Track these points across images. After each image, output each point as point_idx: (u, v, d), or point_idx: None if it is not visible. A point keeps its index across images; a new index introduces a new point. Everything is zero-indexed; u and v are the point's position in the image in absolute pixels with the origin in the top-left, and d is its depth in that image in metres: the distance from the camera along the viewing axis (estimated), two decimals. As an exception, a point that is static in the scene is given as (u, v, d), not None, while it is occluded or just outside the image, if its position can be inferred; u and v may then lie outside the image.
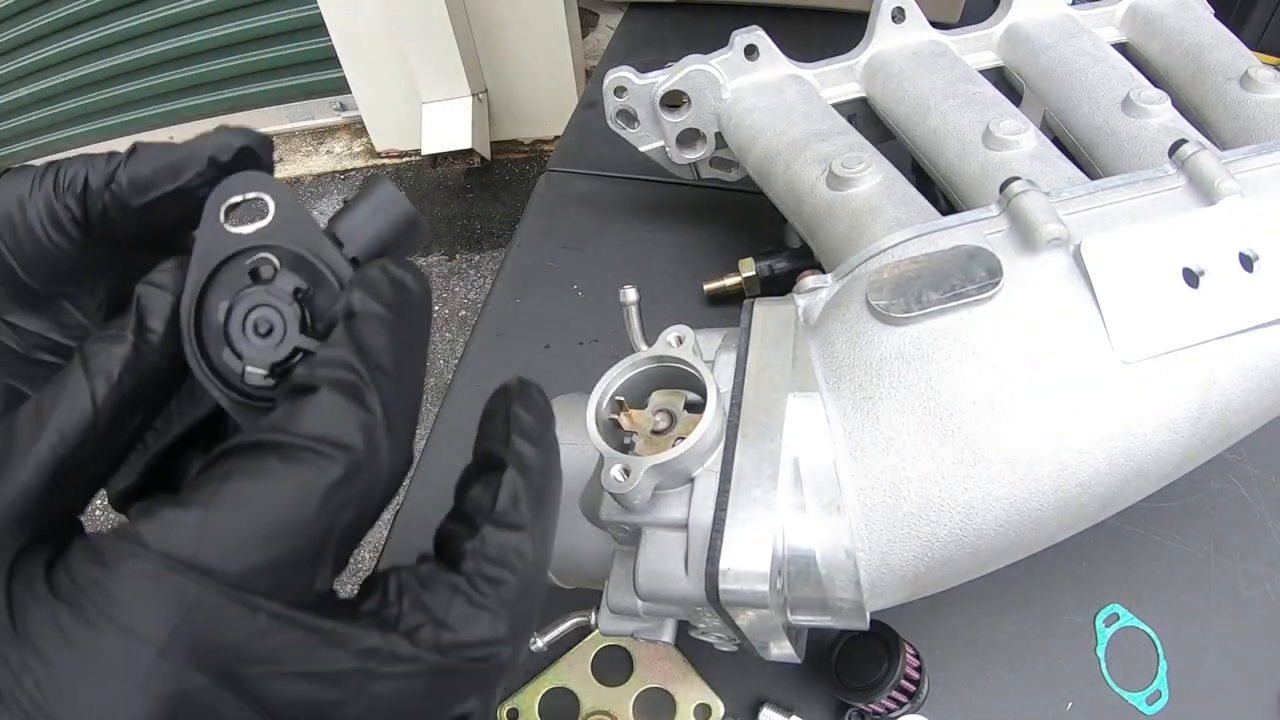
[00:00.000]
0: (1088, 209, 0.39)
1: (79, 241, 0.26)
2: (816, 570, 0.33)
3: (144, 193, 0.25)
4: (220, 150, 0.24)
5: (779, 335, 0.38)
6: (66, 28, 2.31)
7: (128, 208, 0.25)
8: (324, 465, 0.18)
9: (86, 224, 0.26)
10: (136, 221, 0.25)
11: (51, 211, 0.26)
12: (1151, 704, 0.45)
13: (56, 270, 0.27)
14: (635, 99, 0.60)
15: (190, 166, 0.24)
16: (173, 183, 0.24)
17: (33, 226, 0.26)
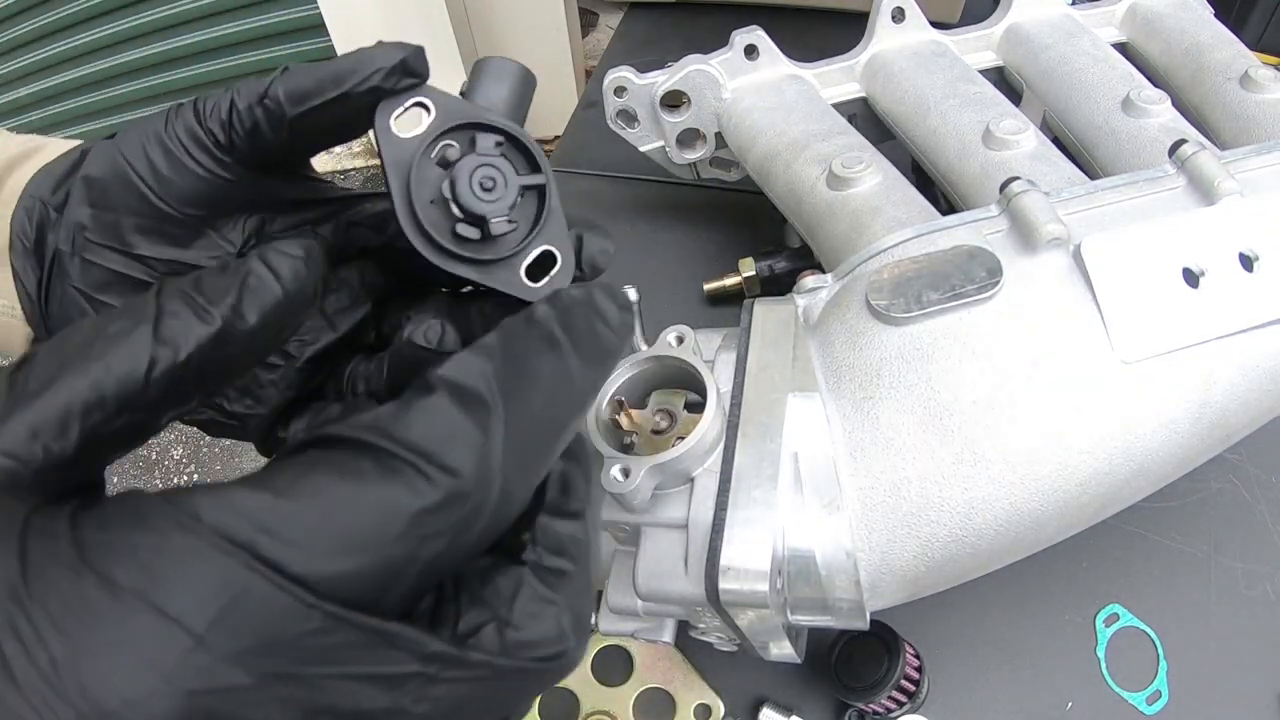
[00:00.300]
0: (1088, 209, 0.39)
1: (223, 165, 0.27)
2: (816, 570, 0.33)
3: (303, 102, 0.25)
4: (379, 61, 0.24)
5: (779, 335, 0.38)
6: (66, 28, 2.31)
7: (282, 119, 0.25)
8: (420, 485, 0.16)
9: (231, 147, 0.26)
10: (289, 133, 0.26)
11: (195, 137, 0.26)
12: (1151, 704, 0.45)
13: (197, 197, 0.27)
14: (635, 99, 0.60)
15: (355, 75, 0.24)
16: (335, 89, 0.24)
17: (173, 152, 0.26)
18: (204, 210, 0.28)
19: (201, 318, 0.19)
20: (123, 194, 0.27)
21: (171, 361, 0.18)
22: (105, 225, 0.27)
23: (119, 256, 0.28)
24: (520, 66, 0.28)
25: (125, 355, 0.18)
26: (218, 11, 2.23)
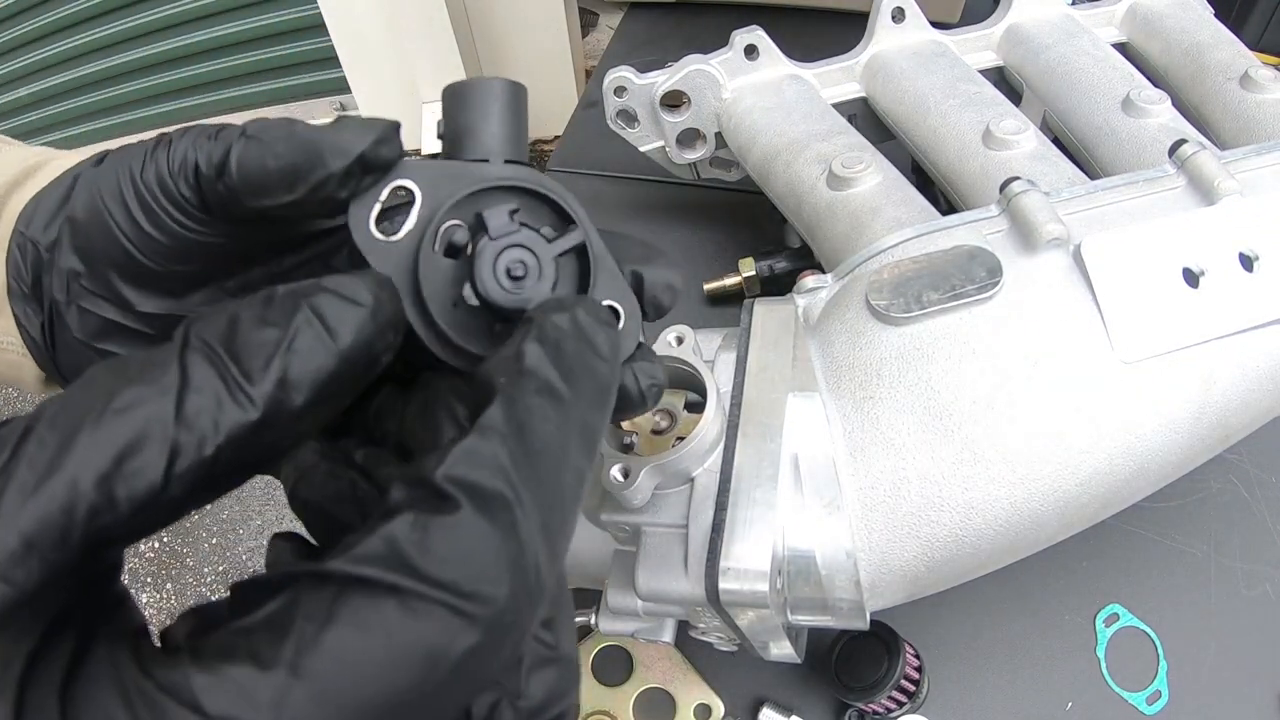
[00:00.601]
0: (1088, 209, 0.39)
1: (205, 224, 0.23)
2: (816, 570, 0.33)
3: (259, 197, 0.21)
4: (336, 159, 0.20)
5: (779, 335, 0.38)
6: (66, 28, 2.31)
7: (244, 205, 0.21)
8: (457, 627, 0.14)
9: (207, 208, 0.22)
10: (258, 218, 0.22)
11: (169, 194, 0.22)
12: (1151, 704, 0.45)
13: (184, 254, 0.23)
14: (635, 99, 0.60)
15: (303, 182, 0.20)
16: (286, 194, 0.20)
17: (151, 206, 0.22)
18: (194, 266, 0.24)
19: (237, 399, 0.15)
20: (106, 246, 0.23)
21: (197, 457, 0.15)
22: (96, 275, 0.24)
23: (114, 309, 0.25)
24: (503, 83, 0.22)
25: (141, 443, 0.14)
26: (218, 11, 2.23)
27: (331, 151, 0.20)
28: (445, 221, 0.20)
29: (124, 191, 0.23)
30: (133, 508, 0.14)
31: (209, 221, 0.23)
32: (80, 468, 0.14)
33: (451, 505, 0.14)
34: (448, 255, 0.20)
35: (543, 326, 0.18)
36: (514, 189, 0.21)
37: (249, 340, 0.16)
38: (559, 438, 0.16)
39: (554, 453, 0.16)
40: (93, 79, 2.42)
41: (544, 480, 0.16)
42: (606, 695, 0.49)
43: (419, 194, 0.20)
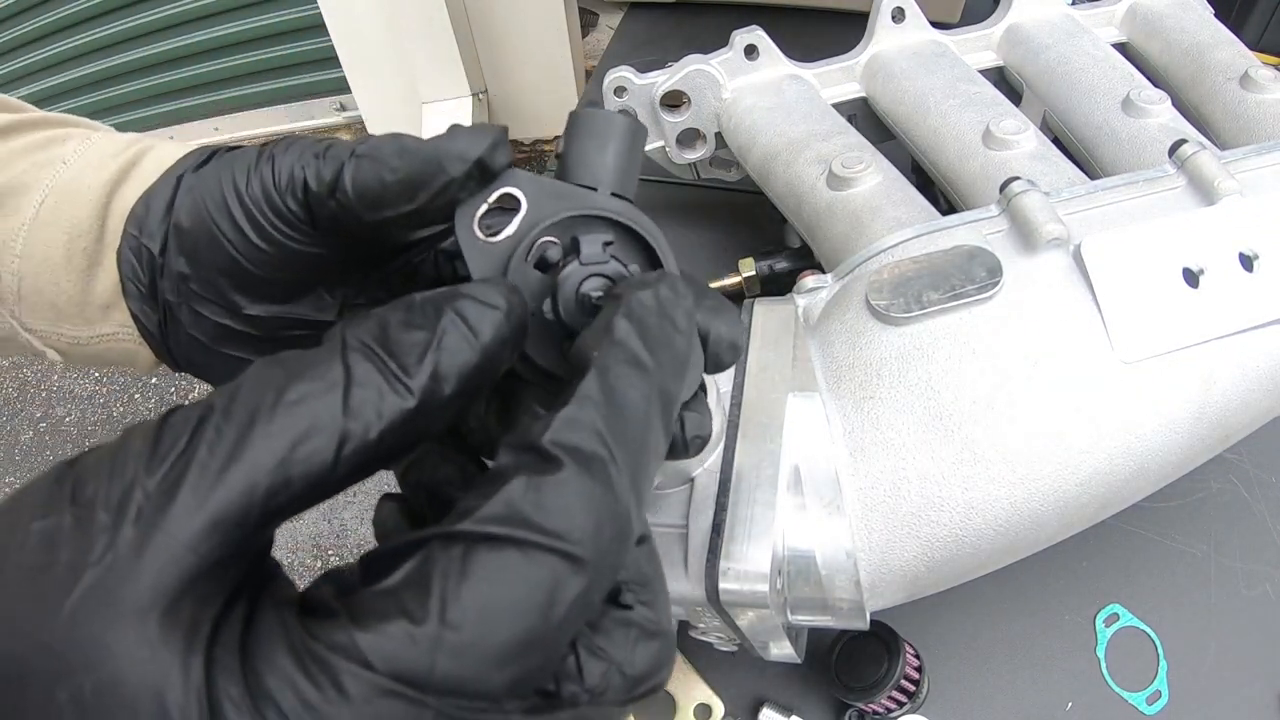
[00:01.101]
0: (1088, 209, 0.39)
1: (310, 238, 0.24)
2: (816, 570, 0.33)
3: (375, 209, 0.23)
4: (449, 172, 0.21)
5: (779, 335, 0.38)
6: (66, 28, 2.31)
7: (360, 219, 0.23)
8: (569, 571, 0.16)
9: (313, 223, 0.24)
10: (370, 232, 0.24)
11: (275, 209, 0.24)
12: (1151, 704, 0.45)
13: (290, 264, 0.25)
14: (635, 99, 0.60)
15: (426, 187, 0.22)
16: (407, 204, 0.22)
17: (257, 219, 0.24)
18: (299, 275, 0.26)
19: (396, 390, 0.17)
20: (212, 254, 0.25)
21: (362, 440, 0.17)
22: (204, 281, 0.26)
23: (223, 311, 0.26)
24: (625, 120, 0.23)
25: (314, 431, 0.16)
26: (218, 11, 2.23)
27: (451, 158, 0.21)
28: (542, 236, 0.21)
29: (229, 203, 0.24)
30: (305, 488, 0.16)
31: (315, 235, 0.24)
32: (260, 454, 0.16)
33: (556, 466, 0.16)
34: (537, 268, 0.21)
35: (629, 303, 0.19)
36: (613, 222, 0.22)
37: (401, 340, 0.18)
38: (644, 404, 0.18)
39: (639, 417, 0.18)
40: (93, 79, 2.42)
41: (631, 441, 0.18)
42: (606, 695, 0.49)
43: (525, 204, 0.22)
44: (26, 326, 0.30)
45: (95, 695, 0.14)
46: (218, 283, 0.26)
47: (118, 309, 0.29)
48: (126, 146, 0.29)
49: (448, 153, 0.22)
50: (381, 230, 0.24)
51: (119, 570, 0.15)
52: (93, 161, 0.29)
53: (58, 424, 1.99)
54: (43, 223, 0.28)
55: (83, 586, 0.15)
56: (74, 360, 0.31)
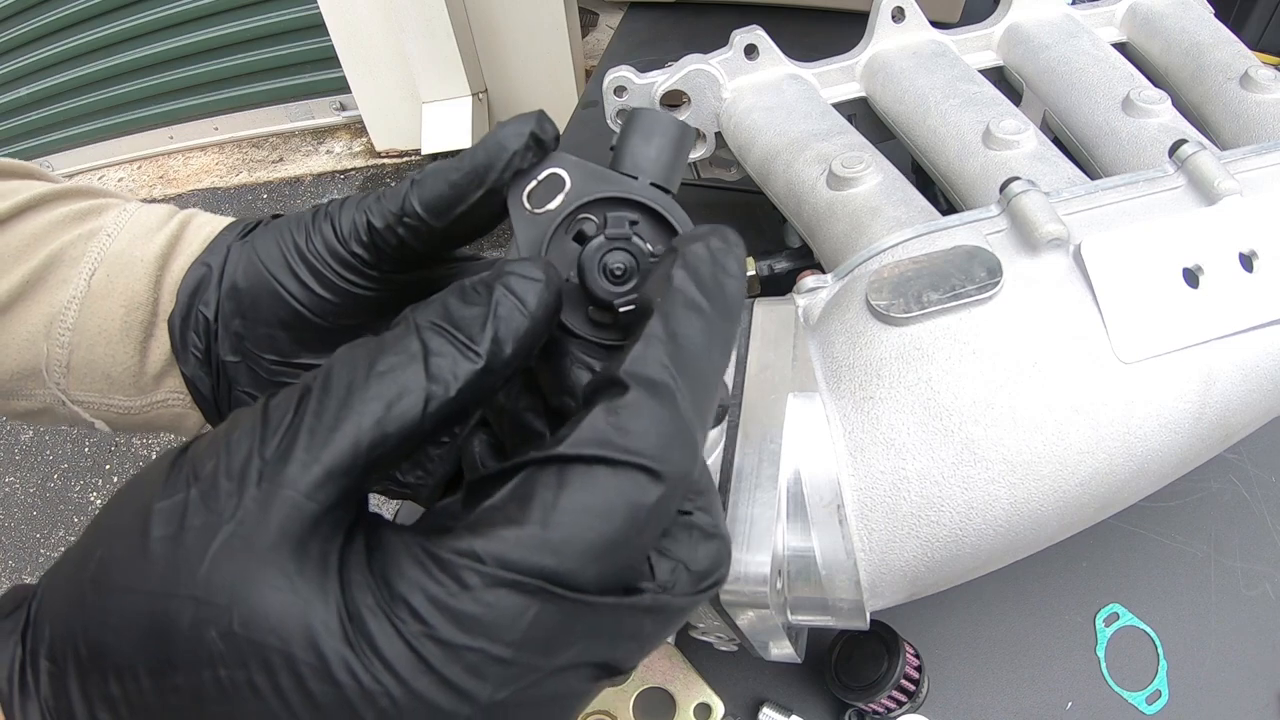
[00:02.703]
0: (1088, 209, 0.39)
1: (373, 280, 0.28)
2: (816, 570, 0.33)
3: (448, 212, 0.26)
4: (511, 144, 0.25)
5: (779, 335, 0.38)
6: (66, 28, 2.31)
7: (428, 232, 0.26)
8: (648, 483, 0.19)
9: (378, 264, 0.27)
10: (439, 241, 0.27)
11: (339, 257, 0.27)
12: (1151, 704, 0.45)
13: (351, 309, 0.28)
14: (635, 98, 0.60)
15: (493, 168, 0.25)
16: (478, 189, 0.25)
17: (320, 271, 0.27)
18: (358, 319, 0.29)
19: (466, 355, 0.20)
20: (274, 307, 0.28)
21: (444, 398, 0.20)
22: (260, 337, 0.28)
23: (280, 367, 0.29)
24: (674, 121, 0.26)
25: (403, 394, 0.19)
26: (218, 11, 2.23)
27: (508, 137, 0.25)
28: (581, 212, 0.25)
29: (290, 262, 0.27)
30: (400, 441, 0.19)
31: (376, 277, 0.27)
32: (361, 416, 0.19)
33: (631, 394, 0.19)
34: (575, 240, 0.24)
35: (685, 254, 0.22)
36: (645, 207, 0.25)
37: (464, 315, 0.21)
38: (702, 339, 0.21)
39: (699, 352, 0.21)
40: (93, 79, 2.42)
41: (693, 373, 0.20)
42: (606, 695, 0.49)
43: (569, 183, 0.25)
44: (74, 399, 0.31)
45: (243, 626, 0.17)
46: (275, 337, 0.29)
47: (170, 376, 0.30)
48: (169, 217, 0.31)
49: (503, 135, 0.25)
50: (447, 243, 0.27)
51: (249, 523, 0.17)
52: (138, 233, 0.31)
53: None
54: (96, 295, 0.30)
55: (219, 541, 0.17)
56: (121, 429, 0.32)
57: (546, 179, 0.25)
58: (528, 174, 0.25)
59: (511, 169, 0.25)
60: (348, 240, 0.27)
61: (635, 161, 0.26)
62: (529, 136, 0.25)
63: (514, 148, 0.25)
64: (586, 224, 0.25)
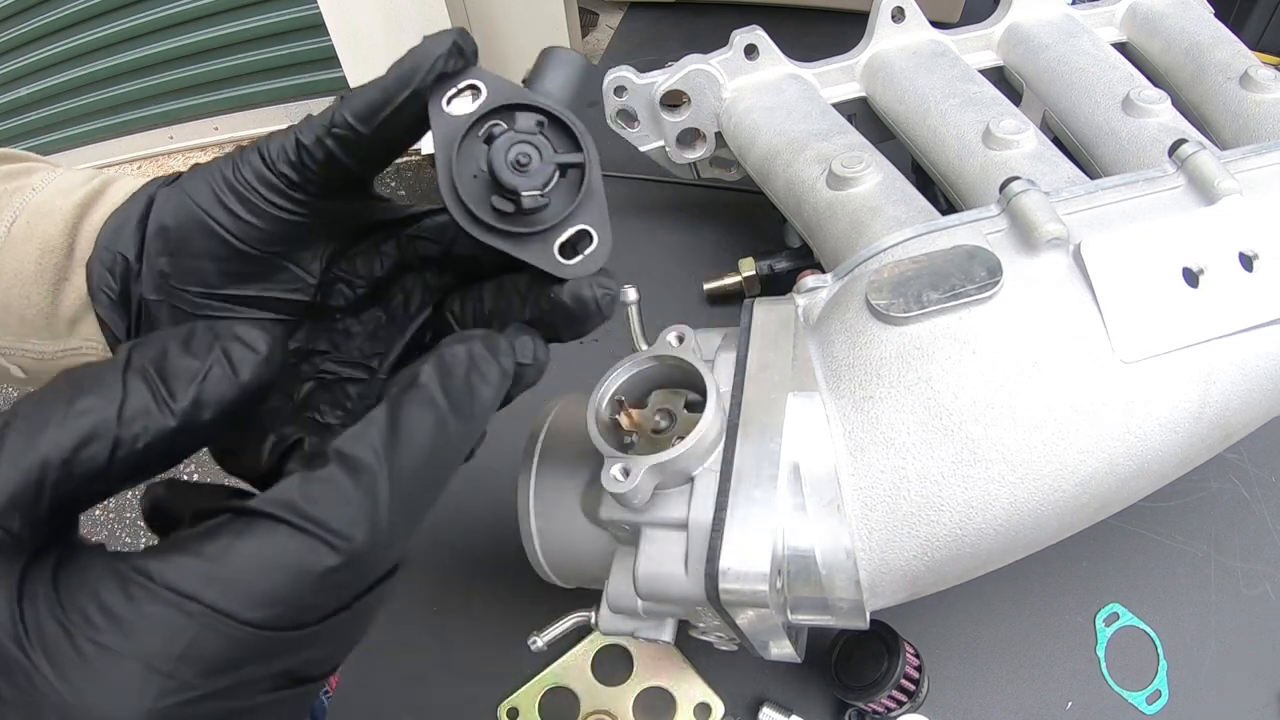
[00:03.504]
0: (1088, 209, 0.39)
1: (298, 203, 0.29)
2: (816, 570, 0.33)
3: (375, 116, 0.27)
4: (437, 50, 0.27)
5: (779, 335, 0.38)
6: (66, 28, 2.31)
7: (356, 141, 0.27)
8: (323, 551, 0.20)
9: (304, 184, 0.28)
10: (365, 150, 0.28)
11: (266, 181, 0.28)
12: (1151, 704, 0.45)
13: (277, 236, 0.30)
14: (635, 99, 0.60)
15: (418, 70, 0.26)
16: (404, 90, 0.26)
17: (248, 197, 0.28)
18: (282, 246, 0.30)
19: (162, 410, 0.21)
20: (202, 240, 0.29)
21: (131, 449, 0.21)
22: (187, 271, 0.29)
23: (206, 299, 0.30)
24: (580, 57, 0.29)
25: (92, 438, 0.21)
26: (218, 11, 2.23)
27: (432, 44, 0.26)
28: (493, 117, 0.27)
29: (219, 193, 0.29)
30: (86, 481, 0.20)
31: (302, 200, 0.29)
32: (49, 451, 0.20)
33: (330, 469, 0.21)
34: (485, 141, 0.27)
35: (441, 353, 0.24)
36: (551, 115, 0.27)
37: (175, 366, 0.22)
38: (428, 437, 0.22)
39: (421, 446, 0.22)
40: (93, 79, 2.41)
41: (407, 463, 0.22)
42: (606, 695, 0.49)
43: (485, 92, 0.27)
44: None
45: None
46: (203, 269, 0.29)
47: (84, 324, 0.31)
48: (92, 177, 0.33)
49: (429, 42, 0.27)
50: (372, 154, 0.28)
51: None
52: (62, 188, 0.32)
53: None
54: (15, 241, 0.31)
55: None
56: (37, 377, 0.33)
57: (465, 87, 0.27)
58: (449, 82, 0.27)
59: (435, 72, 0.26)
60: (275, 162, 0.28)
61: (544, 86, 0.29)
62: (451, 44, 0.27)
63: (439, 51, 0.26)
64: (496, 128, 0.27)
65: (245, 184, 0.28)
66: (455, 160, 0.27)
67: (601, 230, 0.28)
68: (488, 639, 0.52)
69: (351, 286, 0.33)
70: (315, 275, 0.32)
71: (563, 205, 0.28)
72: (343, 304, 0.33)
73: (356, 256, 0.33)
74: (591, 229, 0.28)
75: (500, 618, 0.52)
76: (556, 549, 0.40)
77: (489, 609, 0.53)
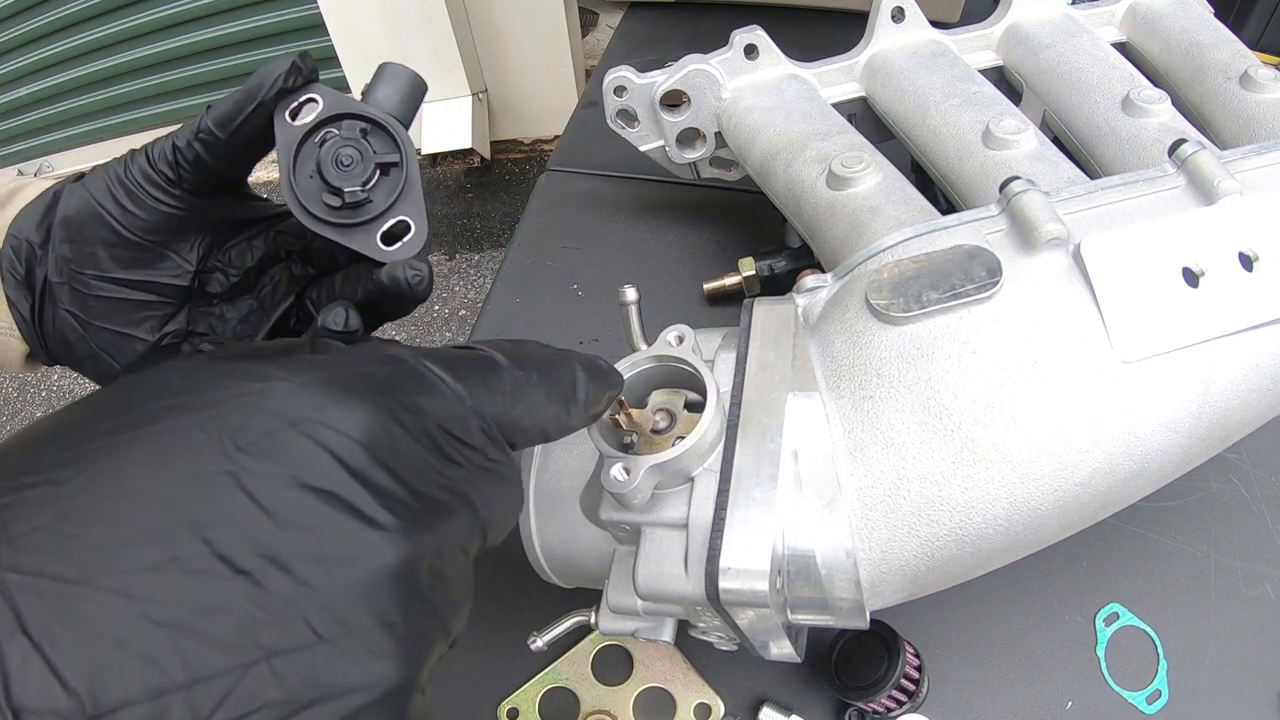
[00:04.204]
0: (1087, 208, 0.39)
1: (175, 197, 0.34)
2: (816, 570, 0.33)
3: (230, 123, 0.32)
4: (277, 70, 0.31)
5: (779, 335, 0.38)
6: (66, 28, 2.31)
7: (218, 144, 0.32)
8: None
9: (180, 181, 0.33)
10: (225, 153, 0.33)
11: (149, 178, 0.33)
12: (1151, 703, 0.45)
13: (157, 226, 0.34)
14: (635, 99, 0.60)
15: (262, 86, 0.31)
16: (251, 103, 0.31)
17: (134, 191, 0.33)
18: (164, 236, 0.35)
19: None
20: (96, 228, 0.34)
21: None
22: (85, 256, 0.34)
23: (100, 281, 0.34)
24: (411, 73, 0.34)
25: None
26: (218, 11, 2.23)
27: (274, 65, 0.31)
28: (328, 125, 0.32)
29: (112, 189, 0.33)
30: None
31: (180, 195, 0.34)
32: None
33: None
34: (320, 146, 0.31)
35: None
36: (378, 125, 0.32)
37: None
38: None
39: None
40: (93, 79, 2.42)
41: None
42: (606, 695, 0.49)
43: (322, 104, 0.32)
44: None
45: None
46: (96, 254, 0.34)
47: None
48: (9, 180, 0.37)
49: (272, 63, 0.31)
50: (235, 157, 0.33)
51: None
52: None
53: (57, 424, 1.98)
54: None
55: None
56: None
57: (305, 101, 0.32)
58: (291, 96, 0.32)
59: (275, 88, 0.31)
60: (156, 162, 0.33)
61: (375, 98, 0.33)
62: (291, 64, 0.31)
63: (280, 71, 0.31)
64: (330, 135, 0.31)
65: (133, 180, 0.33)
66: (295, 163, 0.31)
67: (418, 221, 0.33)
68: (488, 639, 0.52)
69: (226, 275, 0.38)
70: (192, 263, 0.36)
71: (384, 199, 0.32)
72: (219, 291, 0.38)
73: (231, 249, 0.38)
74: (410, 219, 0.33)
75: (500, 618, 0.52)
76: (556, 549, 0.40)
77: (489, 609, 0.53)
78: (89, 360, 0.36)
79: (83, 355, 0.36)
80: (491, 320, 0.69)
